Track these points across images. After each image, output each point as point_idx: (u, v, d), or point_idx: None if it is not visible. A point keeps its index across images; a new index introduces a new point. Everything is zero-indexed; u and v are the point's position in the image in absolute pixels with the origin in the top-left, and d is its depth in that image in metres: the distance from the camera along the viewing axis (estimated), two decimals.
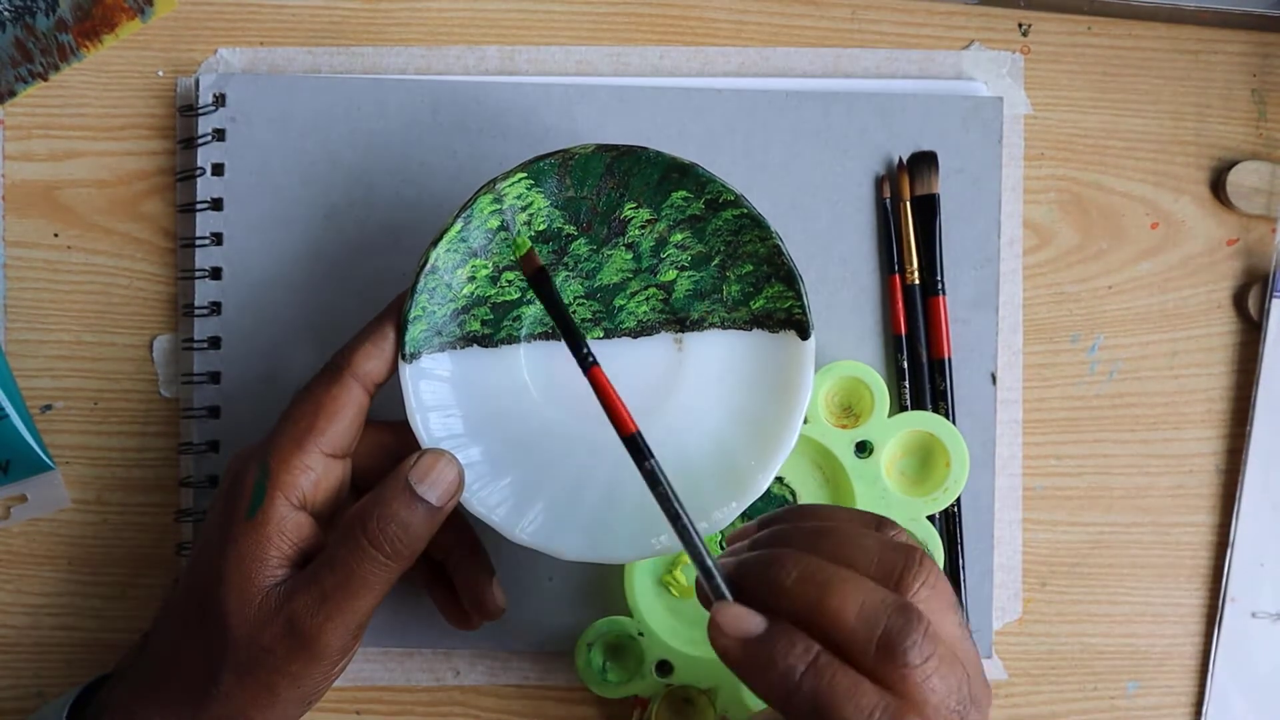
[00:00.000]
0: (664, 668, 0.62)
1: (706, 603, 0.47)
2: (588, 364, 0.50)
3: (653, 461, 0.49)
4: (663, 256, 0.58)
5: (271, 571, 0.53)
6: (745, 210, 0.57)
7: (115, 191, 0.66)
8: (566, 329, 0.51)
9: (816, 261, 0.65)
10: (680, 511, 0.49)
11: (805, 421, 0.59)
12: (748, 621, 0.44)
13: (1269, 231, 0.67)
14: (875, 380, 0.62)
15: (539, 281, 0.52)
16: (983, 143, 0.65)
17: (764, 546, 0.48)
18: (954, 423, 0.64)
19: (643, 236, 0.58)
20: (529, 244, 0.53)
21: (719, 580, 0.47)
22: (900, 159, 0.65)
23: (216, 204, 0.65)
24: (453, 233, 0.56)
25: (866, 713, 0.42)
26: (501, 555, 0.62)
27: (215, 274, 0.65)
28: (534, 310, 0.59)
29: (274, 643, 0.52)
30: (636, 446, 0.49)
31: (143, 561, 0.66)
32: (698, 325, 0.59)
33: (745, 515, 0.59)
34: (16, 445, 0.64)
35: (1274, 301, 0.66)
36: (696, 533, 0.48)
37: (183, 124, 0.65)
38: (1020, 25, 0.67)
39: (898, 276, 0.65)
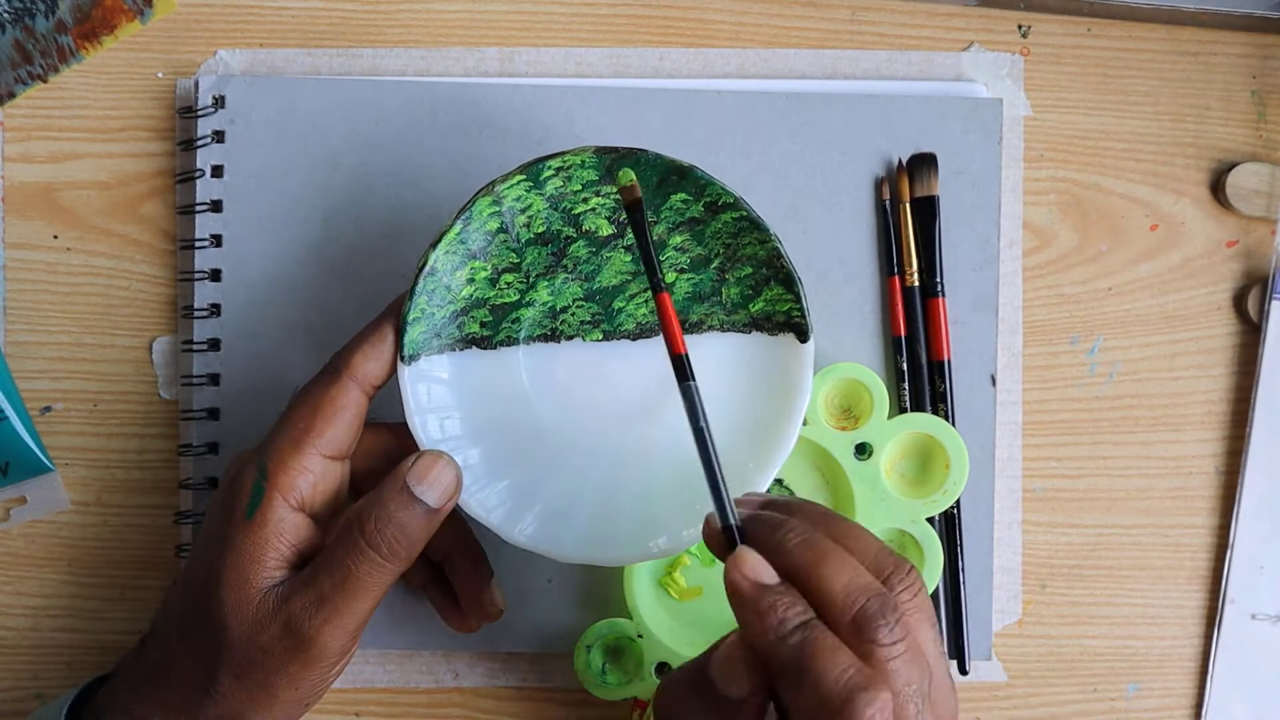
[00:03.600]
0: (663, 669, 0.62)
1: (712, 544, 0.50)
2: (658, 289, 0.54)
3: (692, 384, 0.52)
4: (662, 259, 0.58)
5: (269, 573, 0.53)
6: (744, 212, 0.57)
7: (115, 193, 0.66)
8: (646, 254, 0.54)
9: (816, 264, 0.65)
10: (706, 431, 0.51)
11: (804, 423, 0.59)
12: (764, 571, 0.48)
13: (1269, 233, 0.67)
14: (875, 382, 0.62)
15: (633, 210, 0.54)
16: (982, 144, 0.65)
17: (778, 511, 0.51)
18: (953, 425, 0.64)
19: None
20: (632, 177, 0.55)
21: (732, 520, 0.50)
22: (900, 161, 0.65)
23: (216, 206, 0.65)
24: (452, 235, 0.56)
25: (840, 669, 0.45)
26: (500, 557, 0.62)
27: (214, 276, 0.65)
28: (532, 312, 0.59)
29: (272, 644, 0.52)
30: (681, 366, 0.52)
31: (142, 563, 0.66)
32: (697, 328, 0.59)
33: None
34: (16, 447, 0.64)
35: (1274, 303, 0.65)
36: (719, 465, 0.51)
37: (182, 126, 0.65)
38: (1020, 27, 0.67)
39: (897, 278, 0.65)
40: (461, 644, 0.65)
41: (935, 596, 0.64)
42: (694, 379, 0.52)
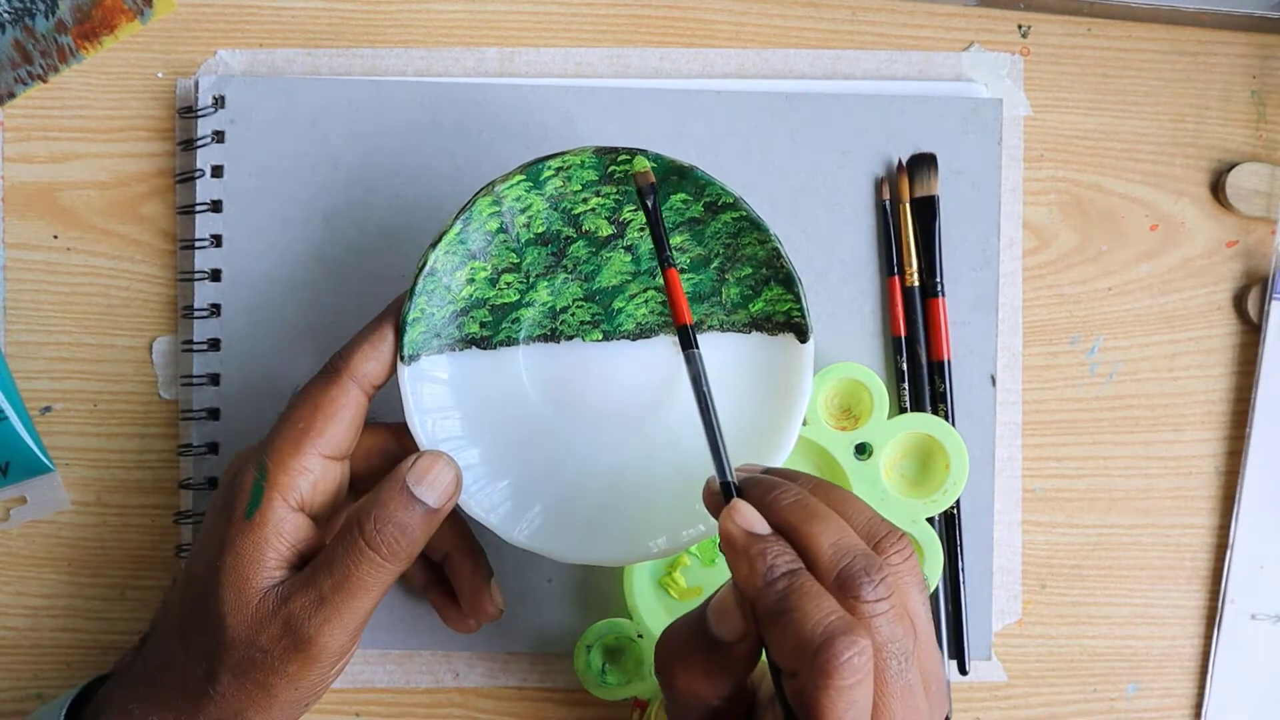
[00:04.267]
0: None
1: (710, 503, 0.51)
2: (666, 265, 0.54)
3: (696, 351, 0.53)
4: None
5: (269, 573, 0.53)
6: (744, 213, 0.57)
7: (115, 193, 0.66)
8: (656, 230, 0.55)
9: (816, 264, 0.65)
10: (708, 395, 0.52)
11: (805, 423, 0.59)
12: (757, 521, 0.49)
13: (1268, 233, 0.67)
14: (875, 382, 0.62)
15: (645, 195, 0.55)
16: (982, 144, 0.65)
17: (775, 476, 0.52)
18: (953, 425, 0.64)
19: (642, 239, 0.58)
20: (647, 164, 0.55)
21: (729, 478, 0.51)
22: (900, 161, 0.65)
23: (216, 206, 0.65)
24: (452, 235, 0.56)
25: (822, 613, 0.45)
26: (500, 557, 0.62)
27: (215, 276, 0.65)
28: (532, 312, 0.59)
29: (271, 644, 0.52)
30: (686, 335, 0.53)
31: (142, 563, 0.66)
32: (696, 328, 0.59)
33: None
34: (16, 447, 0.64)
35: (1273, 303, 0.65)
36: (718, 425, 0.52)
37: (182, 126, 0.66)
38: (1020, 27, 0.67)
39: (897, 278, 0.65)
40: (461, 644, 0.65)
41: (935, 596, 0.64)
42: (698, 348, 0.53)
